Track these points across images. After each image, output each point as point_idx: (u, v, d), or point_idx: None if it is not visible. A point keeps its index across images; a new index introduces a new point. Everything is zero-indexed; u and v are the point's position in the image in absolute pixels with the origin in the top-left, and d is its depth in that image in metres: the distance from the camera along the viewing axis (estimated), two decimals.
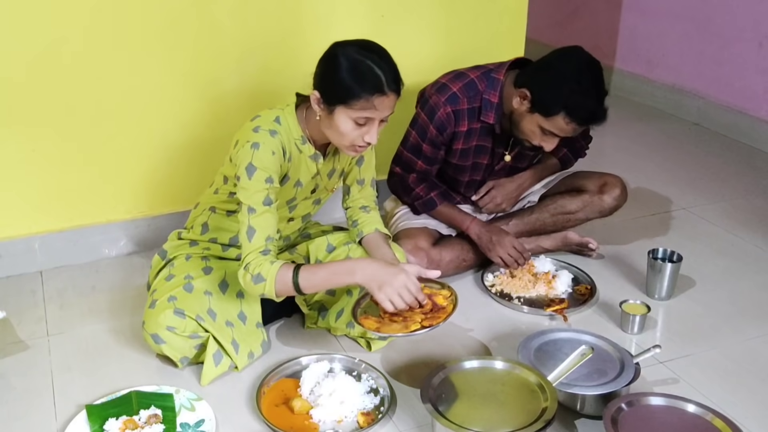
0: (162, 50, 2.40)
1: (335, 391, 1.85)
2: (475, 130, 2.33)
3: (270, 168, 1.85)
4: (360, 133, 1.81)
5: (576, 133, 2.22)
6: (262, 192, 1.84)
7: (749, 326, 2.23)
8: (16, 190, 2.41)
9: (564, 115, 2.12)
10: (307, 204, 2.12)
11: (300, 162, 1.95)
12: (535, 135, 2.22)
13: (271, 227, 1.85)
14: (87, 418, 1.79)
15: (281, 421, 1.80)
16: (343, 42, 1.83)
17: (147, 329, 1.95)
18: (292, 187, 1.99)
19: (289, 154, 1.91)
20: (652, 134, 3.85)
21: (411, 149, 2.37)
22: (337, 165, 2.08)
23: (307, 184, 2.02)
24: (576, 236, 2.57)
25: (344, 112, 1.78)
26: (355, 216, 2.16)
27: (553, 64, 2.16)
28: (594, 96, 2.12)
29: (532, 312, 2.28)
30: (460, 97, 2.28)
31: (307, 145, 1.94)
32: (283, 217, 2.08)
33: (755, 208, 3.01)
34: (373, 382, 1.94)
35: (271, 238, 1.85)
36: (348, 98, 1.76)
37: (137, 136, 2.48)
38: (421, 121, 2.33)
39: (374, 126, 1.82)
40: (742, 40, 3.66)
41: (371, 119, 1.80)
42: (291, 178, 1.97)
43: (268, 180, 1.85)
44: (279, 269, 1.81)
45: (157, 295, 1.99)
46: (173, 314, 1.92)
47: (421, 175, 2.41)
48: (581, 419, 1.83)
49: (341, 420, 1.81)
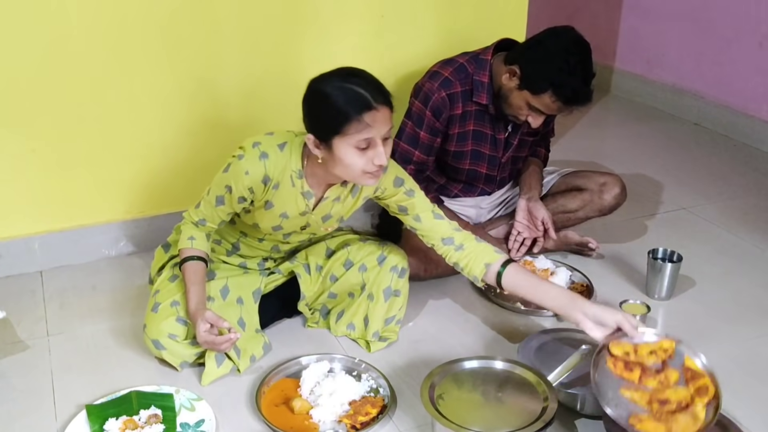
0: (162, 51, 2.40)
1: (335, 391, 1.85)
2: (469, 113, 2.34)
3: (235, 182, 1.84)
4: (367, 158, 1.72)
5: (561, 112, 2.24)
6: (221, 190, 1.88)
7: (749, 326, 2.23)
8: (16, 190, 2.41)
9: (551, 93, 2.14)
10: (302, 236, 2.09)
11: (290, 195, 1.89)
12: (522, 111, 2.24)
13: (210, 217, 1.94)
14: (87, 418, 1.79)
15: (281, 421, 1.80)
16: (319, 76, 1.76)
17: (148, 334, 1.95)
18: (277, 216, 1.93)
19: (276, 182, 1.86)
20: (652, 134, 3.85)
21: (407, 140, 2.36)
22: (334, 211, 1.99)
23: (295, 218, 1.95)
24: (576, 236, 2.57)
25: (342, 141, 1.71)
26: (452, 258, 1.99)
27: (543, 42, 2.18)
28: (580, 76, 2.13)
29: (532, 312, 2.28)
30: (453, 80, 2.30)
31: (303, 180, 1.88)
32: (278, 239, 2.07)
33: (755, 208, 3.01)
34: (373, 382, 1.94)
35: (204, 222, 1.95)
36: (340, 126, 1.69)
37: (137, 136, 2.48)
38: (417, 110, 2.34)
39: (378, 146, 1.72)
40: (742, 40, 3.66)
41: (371, 139, 1.71)
42: (276, 206, 1.91)
43: (228, 188, 1.86)
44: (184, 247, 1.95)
45: (160, 298, 1.99)
46: (175, 322, 1.93)
47: (418, 166, 2.38)
48: (581, 419, 1.83)
49: (341, 420, 1.81)
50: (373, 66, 2.71)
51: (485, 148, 2.42)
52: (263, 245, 2.11)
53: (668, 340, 1.74)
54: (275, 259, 2.19)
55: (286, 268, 2.17)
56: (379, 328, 2.09)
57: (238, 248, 2.12)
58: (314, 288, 2.15)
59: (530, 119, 2.25)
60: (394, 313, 2.10)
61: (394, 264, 2.09)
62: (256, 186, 1.84)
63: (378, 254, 2.11)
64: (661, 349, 1.73)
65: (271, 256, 2.17)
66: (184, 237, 1.97)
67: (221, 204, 1.90)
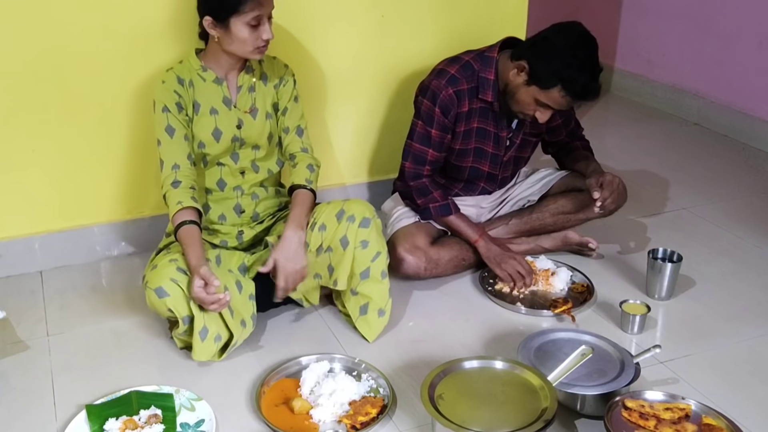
0: (162, 51, 2.40)
1: (335, 391, 1.85)
2: (475, 111, 2.35)
3: (164, 98, 2.07)
4: (257, 35, 2.00)
5: (570, 107, 2.24)
6: (162, 121, 2.07)
7: (749, 326, 2.23)
8: (16, 190, 2.41)
9: (560, 88, 2.15)
10: (247, 151, 2.17)
11: (205, 88, 2.12)
12: (530, 107, 2.24)
13: (175, 156, 2.06)
14: (87, 418, 1.79)
15: (281, 422, 1.80)
16: None
17: (150, 285, 1.94)
18: (209, 116, 2.12)
19: (188, 80, 2.10)
20: (652, 134, 3.85)
21: (420, 140, 2.38)
22: (259, 102, 2.17)
23: (225, 112, 2.13)
24: (576, 236, 2.56)
25: (238, 20, 1.97)
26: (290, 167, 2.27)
27: (550, 38, 2.19)
28: (589, 71, 2.15)
29: (532, 312, 2.28)
30: (459, 78, 2.31)
31: (208, 72, 2.12)
32: (233, 172, 2.17)
33: (755, 208, 3.01)
34: (373, 382, 1.94)
35: (177, 166, 2.05)
36: (238, 6, 1.96)
37: (137, 136, 2.48)
38: (426, 109, 2.34)
39: (266, 24, 2.01)
40: (742, 40, 3.66)
41: (260, 17, 1.99)
42: (202, 104, 2.11)
43: (164, 109, 2.07)
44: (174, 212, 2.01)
45: (157, 261, 2.02)
46: (176, 270, 1.94)
47: (432, 166, 2.41)
48: (581, 419, 1.83)
49: (341, 420, 1.81)
50: (374, 65, 2.75)
51: (488, 146, 2.42)
52: (226, 192, 2.19)
53: (684, 403, 1.74)
54: (248, 220, 2.23)
55: (265, 243, 2.19)
56: (346, 278, 2.09)
57: (209, 208, 2.20)
58: None
59: (538, 114, 2.25)
60: (367, 266, 2.09)
61: (350, 214, 2.09)
62: (176, 87, 2.08)
63: (337, 210, 2.12)
64: (678, 408, 1.73)
65: (239, 205, 2.21)
66: (173, 203, 2.02)
67: (173, 131, 2.06)
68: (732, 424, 1.68)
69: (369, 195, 2.90)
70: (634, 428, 1.67)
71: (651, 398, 1.75)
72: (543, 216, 2.55)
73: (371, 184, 2.91)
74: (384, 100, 2.81)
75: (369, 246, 2.09)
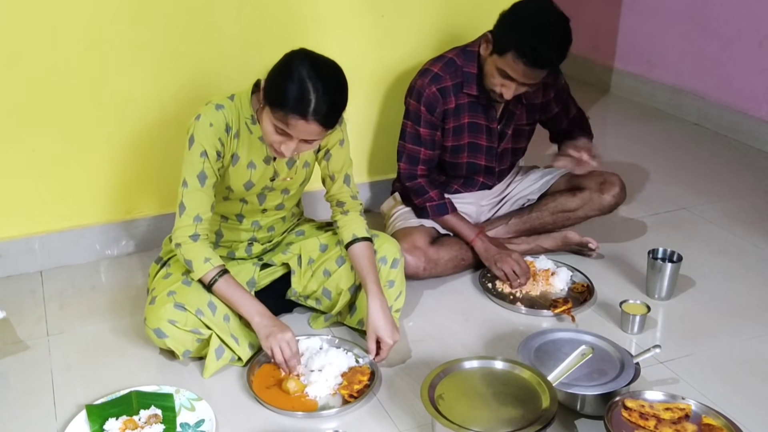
0: (162, 51, 2.40)
1: (325, 366, 1.92)
2: (463, 106, 2.38)
3: (206, 141, 1.89)
4: (279, 140, 1.82)
5: (527, 78, 2.20)
6: (197, 165, 1.90)
7: (749, 326, 2.23)
8: (16, 190, 2.41)
9: (513, 52, 2.15)
10: (276, 195, 2.11)
11: (250, 142, 1.97)
12: (495, 79, 2.25)
13: (200, 206, 1.91)
14: (87, 418, 1.79)
15: (280, 402, 1.86)
16: (306, 53, 1.82)
17: (149, 325, 1.95)
18: (245, 168, 1.99)
19: (236, 130, 1.94)
20: (652, 134, 3.85)
21: (411, 139, 2.40)
22: (297, 155, 2.03)
23: (262, 168, 2.00)
24: (576, 236, 2.56)
25: (269, 113, 1.81)
26: (335, 216, 2.16)
27: (516, 9, 2.22)
28: (545, 38, 2.13)
29: (532, 312, 2.28)
30: (442, 75, 2.35)
31: (257, 125, 1.95)
32: (255, 209, 2.10)
33: (755, 208, 3.01)
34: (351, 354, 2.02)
35: (200, 218, 1.91)
36: (272, 103, 1.79)
37: (137, 136, 2.48)
38: (413, 108, 2.38)
39: (291, 142, 1.81)
40: (742, 40, 3.66)
41: (288, 134, 1.80)
42: (241, 157, 1.97)
43: (203, 154, 1.89)
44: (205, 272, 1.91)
45: (156, 292, 2.00)
46: (174, 308, 1.93)
47: (427, 165, 2.43)
48: (581, 419, 1.83)
49: (335, 393, 1.88)
50: (373, 65, 2.75)
51: (482, 139, 2.44)
52: (244, 224, 2.12)
53: (684, 403, 1.74)
54: (261, 242, 2.19)
55: (279, 259, 2.19)
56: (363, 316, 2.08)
57: (221, 235, 2.14)
58: (305, 281, 2.17)
59: (504, 90, 2.25)
60: (390, 304, 2.10)
61: (382, 255, 2.11)
62: (222, 135, 1.91)
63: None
64: (678, 408, 1.73)
65: (255, 237, 2.17)
66: (199, 261, 1.91)
67: (205, 179, 1.91)
68: (732, 424, 1.68)
69: (368, 195, 2.90)
70: (634, 428, 1.68)
71: (651, 398, 1.75)
72: (543, 215, 2.56)
73: (371, 184, 2.91)
74: (384, 100, 2.81)
75: (394, 286, 2.12)
